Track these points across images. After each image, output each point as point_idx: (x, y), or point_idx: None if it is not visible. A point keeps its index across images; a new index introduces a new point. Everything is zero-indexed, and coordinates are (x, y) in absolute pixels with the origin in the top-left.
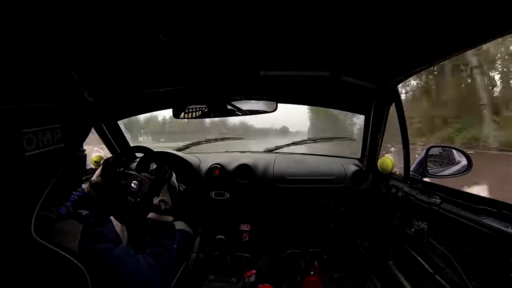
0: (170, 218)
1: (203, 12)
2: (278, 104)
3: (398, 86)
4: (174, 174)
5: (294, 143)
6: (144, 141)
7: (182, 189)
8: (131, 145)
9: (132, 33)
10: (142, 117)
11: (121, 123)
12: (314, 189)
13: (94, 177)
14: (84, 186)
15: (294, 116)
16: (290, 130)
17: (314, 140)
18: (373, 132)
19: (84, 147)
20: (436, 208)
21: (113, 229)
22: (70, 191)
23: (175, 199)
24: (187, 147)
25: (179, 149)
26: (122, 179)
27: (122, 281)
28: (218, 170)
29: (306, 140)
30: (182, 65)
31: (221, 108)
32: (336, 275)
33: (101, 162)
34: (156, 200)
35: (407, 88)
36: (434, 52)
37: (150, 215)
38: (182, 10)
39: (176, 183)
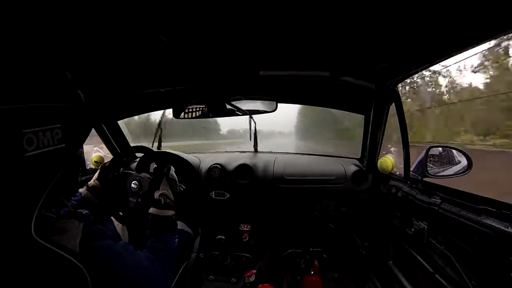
0: (170, 212)
1: (203, 12)
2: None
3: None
4: (172, 167)
5: None
6: None
7: (182, 189)
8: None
9: (132, 33)
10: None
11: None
12: (314, 189)
13: (91, 181)
14: (81, 190)
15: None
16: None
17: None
18: (373, 132)
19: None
20: (436, 208)
21: (114, 229)
22: (69, 190)
23: (176, 191)
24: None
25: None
26: (121, 180)
27: (123, 278)
28: (218, 170)
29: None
30: (182, 65)
31: (221, 108)
32: (336, 275)
33: (99, 167)
34: (156, 195)
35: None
36: (434, 52)
37: (151, 210)
38: (182, 10)
39: (175, 175)
